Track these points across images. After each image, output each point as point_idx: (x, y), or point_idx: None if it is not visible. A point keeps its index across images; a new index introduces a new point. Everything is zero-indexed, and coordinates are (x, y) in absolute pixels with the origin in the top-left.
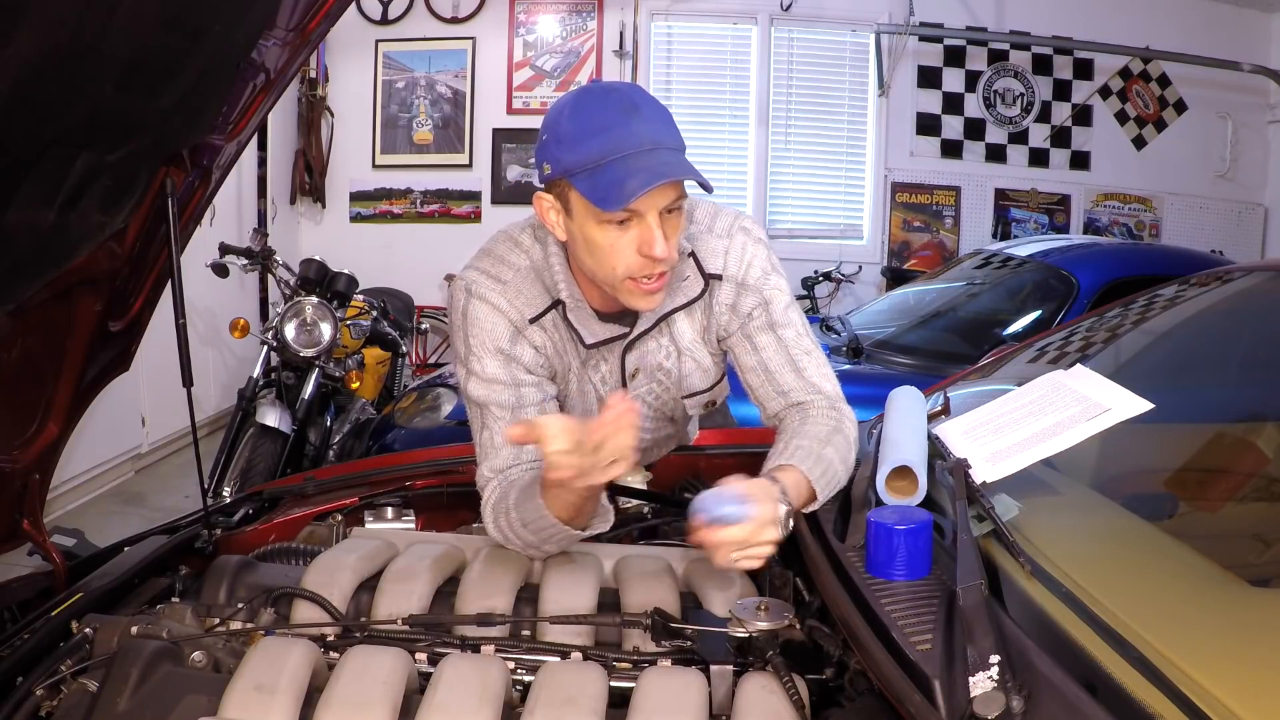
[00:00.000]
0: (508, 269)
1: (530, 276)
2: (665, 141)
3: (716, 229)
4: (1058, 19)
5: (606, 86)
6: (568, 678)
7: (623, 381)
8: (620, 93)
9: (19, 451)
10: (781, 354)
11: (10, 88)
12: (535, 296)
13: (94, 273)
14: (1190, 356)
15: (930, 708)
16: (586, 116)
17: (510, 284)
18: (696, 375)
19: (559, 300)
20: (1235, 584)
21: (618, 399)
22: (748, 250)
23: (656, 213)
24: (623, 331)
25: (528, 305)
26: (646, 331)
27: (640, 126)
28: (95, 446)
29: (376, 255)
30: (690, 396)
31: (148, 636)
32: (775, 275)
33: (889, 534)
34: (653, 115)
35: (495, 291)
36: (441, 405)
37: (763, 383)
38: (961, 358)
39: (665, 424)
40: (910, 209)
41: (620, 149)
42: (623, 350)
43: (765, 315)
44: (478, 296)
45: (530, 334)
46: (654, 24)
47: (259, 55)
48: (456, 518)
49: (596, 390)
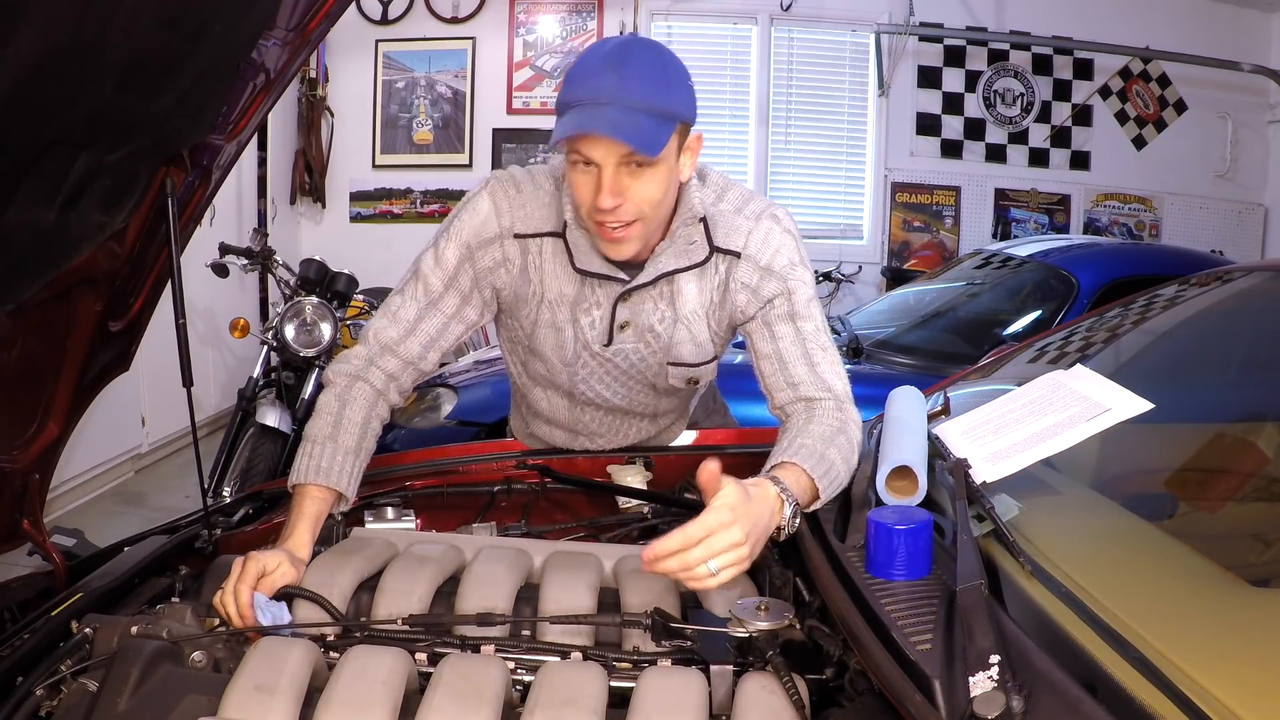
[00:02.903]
0: (530, 183)
1: (546, 199)
2: (629, 99)
3: (746, 211)
4: (1058, 19)
5: (622, 39)
6: (568, 678)
7: (610, 332)
8: (621, 46)
9: (19, 451)
10: (798, 346)
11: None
12: (537, 216)
13: (94, 273)
14: (1190, 356)
15: (930, 708)
16: (580, 62)
17: (524, 194)
18: (687, 346)
19: (564, 225)
20: (1235, 584)
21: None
22: (774, 237)
23: (614, 165)
24: (621, 276)
25: (524, 221)
26: (645, 286)
27: (609, 80)
28: (95, 446)
29: (376, 255)
30: (676, 365)
31: (148, 636)
32: (802, 268)
33: (889, 534)
34: (634, 72)
35: (505, 196)
36: (441, 405)
37: (775, 371)
38: (961, 358)
39: (644, 390)
40: (910, 209)
41: (582, 97)
42: (616, 298)
43: (787, 304)
44: (488, 191)
45: (507, 246)
46: (654, 24)
47: (259, 55)
48: (456, 518)
49: (582, 334)
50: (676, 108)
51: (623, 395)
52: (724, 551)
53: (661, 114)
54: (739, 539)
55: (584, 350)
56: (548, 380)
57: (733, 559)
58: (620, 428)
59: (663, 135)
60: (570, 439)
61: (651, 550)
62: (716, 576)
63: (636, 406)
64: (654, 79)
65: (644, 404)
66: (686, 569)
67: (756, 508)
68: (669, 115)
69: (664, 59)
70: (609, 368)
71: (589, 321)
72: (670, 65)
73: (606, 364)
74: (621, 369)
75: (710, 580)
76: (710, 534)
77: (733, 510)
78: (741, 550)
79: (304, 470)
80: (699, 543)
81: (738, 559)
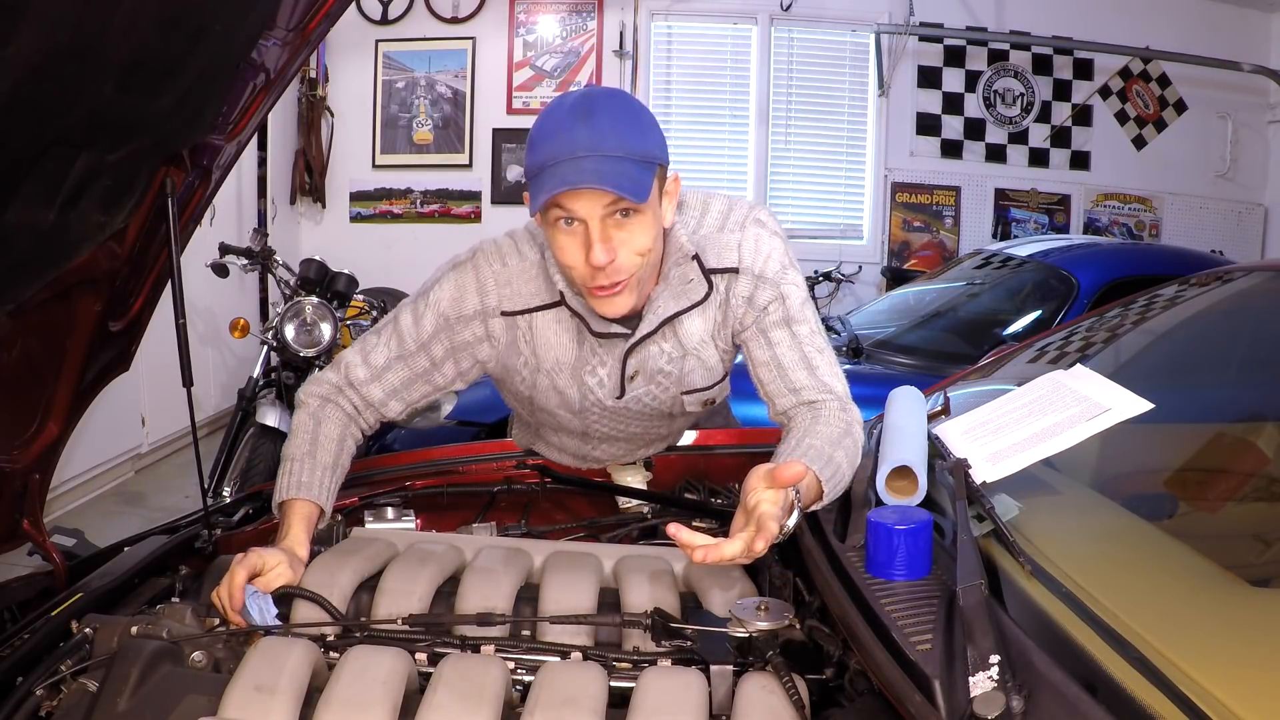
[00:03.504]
0: (516, 256)
1: (534, 272)
2: (604, 148)
3: (729, 224)
4: (1058, 19)
5: (581, 92)
6: (568, 678)
7: (621, 385)
8: (585, 98)
9: (19, 451)
10: (795, 350)
11: (10, 88)
12: (525, 292)
13: (94, 273)
14: (1190, 356)
15: (930, 708)
16: (543, 122)
17: (509, 268)
18: (699, 373)
19: (561, 294)
20: (1235, 584)
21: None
22: (763, 243)
23: (598, 219)
24: (624, 333)
25: (510, 299)
26: (649, 335)
27: (580, 133)
28: (95, 446)
29: (376, 255)
30: (690, 393)
31: (148, 636)
32: (792, 270)
33: (889, 534)
34: (604, 121)
35: (491, 272)
36: (441, 405)
37: (774, 378)
38: (961, 358)
39: (661, 421)
40: (910, 209)
41: (554, 156)
42: (624, 352)
43: (781, 310)
44: (473, 266)
45: (491, 324)
46: (654, 24)
47: (259, 55)
48: (456, 518)
49: (591, 394)
50: (653, 150)
51: (638, 426)
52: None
53: (641, 159)
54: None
55: (594, 406)
56: (556, 424)
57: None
58: (632, 451)
59: (646, 180)
60: (579, 463)
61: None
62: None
63: (650, 433)
64: (626, 124)
65: (657, 429)
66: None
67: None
68: (648, 159)
69: (630, 105)
70: (621, 413)
71: (595, 381)
72: (638, 110)
73: (620, 410)
74: (635, 411)
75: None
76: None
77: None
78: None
79: (285, 488)
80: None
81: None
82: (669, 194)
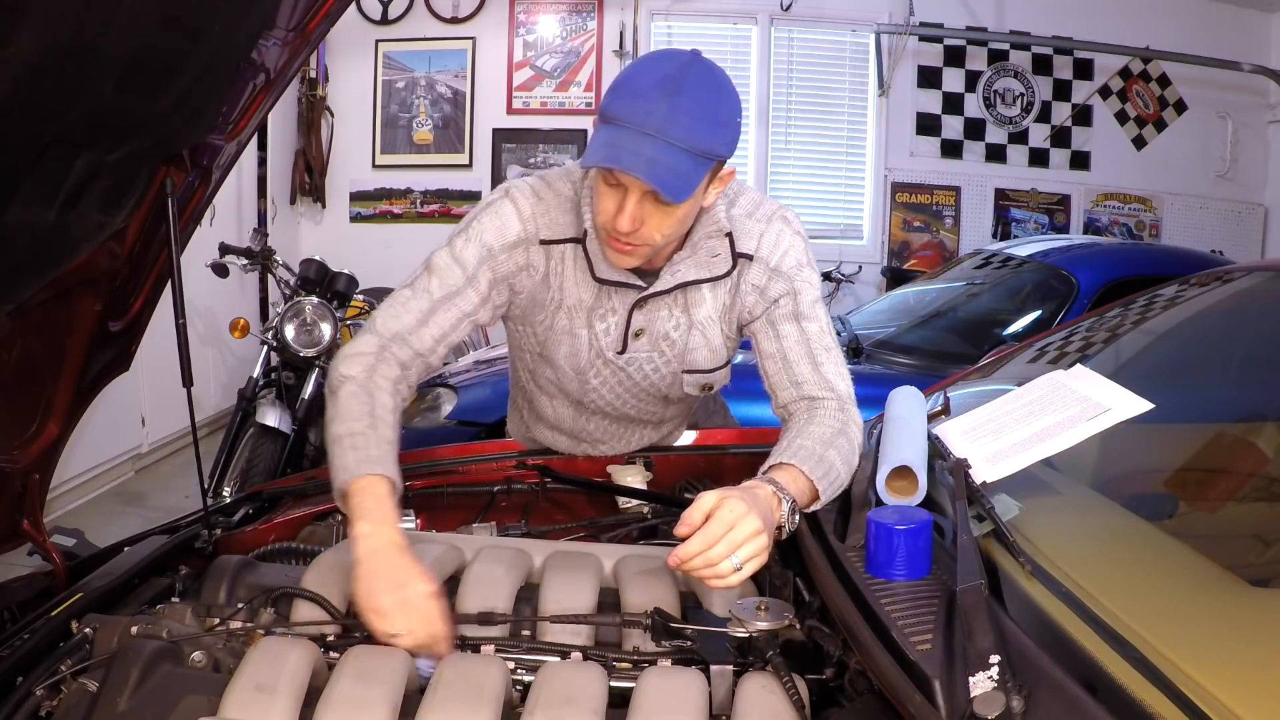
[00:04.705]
0: (550, 190)
1: (567, 205)
2: (671, 134)
3: (758, 214)
4: (1058, 19)
5: (680, 60)
6: (568, 678)
7: (625, 339)
8: (679, 70)
9: (19, 451)
10: (802, 345)
11: (10, 88)
12: (562, 222)
13: (94, 273)
14: (1190, 356)
15: (930, 708)
16: (633, 74)
17: (545, 201)
18: (702, 352)
19: (585, 232)
20: (1235, 584)
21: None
22: (784, 239)
23: (639, 195)
24: (637, 283)
25: (549, 227)
26: (662, 294)
27: (657, 108)
28: (95, 446)
29: (376, 255)
30: (690, 373)
31: (148, 636)
32: (809, 269)
33: (889, 534)
34: (686, 105)
35: (528, 202)
36: (441, 405)
37: (779, 371)
38: (961, 358)
39: (656, 403)
40: (910, 209)
41: (627, 117)
42: (632, 304)
43: (793, 304)
44: (510, 198)
45: (532, 252)
46: (654, 24)
47: (259, 55)
48: (456, 518)
49: (596, 341)
50: (718, 147)
51: (632, 405)
52: (746, 541)
53: (702, 153)
54: (758, 527)
55: (597, 358)
56: (556, 388)
57: (756, 548)
58: (624, 435)
59: (695, 178)
60: (573, 445)
61: (675, 555)
62: (741, 571)
63: (644, 415)
64: (704, 115)
65: (651, 412)
66: (711, 565)
67: (761, 503)
68: (709, 155)
69: (720, 93)
70: (621, 377)
71: (604, 328)
72: (724, 100)
73: (619, 373)
74: (634, 379)
75: (734, 577)
76: (730, 528)
77: (743, 501)
78: (761, 539)
79: (355, 464)
80: (720, 539)
81: (759, 549)
82: (719, 180)
